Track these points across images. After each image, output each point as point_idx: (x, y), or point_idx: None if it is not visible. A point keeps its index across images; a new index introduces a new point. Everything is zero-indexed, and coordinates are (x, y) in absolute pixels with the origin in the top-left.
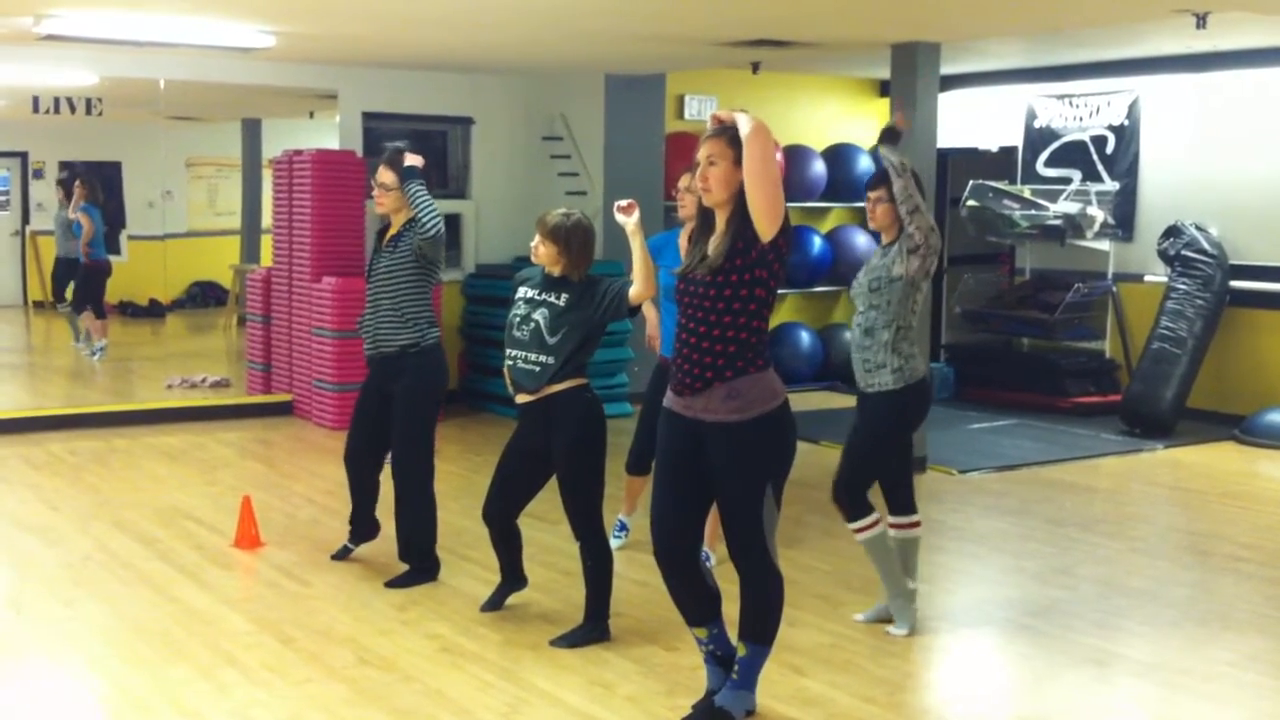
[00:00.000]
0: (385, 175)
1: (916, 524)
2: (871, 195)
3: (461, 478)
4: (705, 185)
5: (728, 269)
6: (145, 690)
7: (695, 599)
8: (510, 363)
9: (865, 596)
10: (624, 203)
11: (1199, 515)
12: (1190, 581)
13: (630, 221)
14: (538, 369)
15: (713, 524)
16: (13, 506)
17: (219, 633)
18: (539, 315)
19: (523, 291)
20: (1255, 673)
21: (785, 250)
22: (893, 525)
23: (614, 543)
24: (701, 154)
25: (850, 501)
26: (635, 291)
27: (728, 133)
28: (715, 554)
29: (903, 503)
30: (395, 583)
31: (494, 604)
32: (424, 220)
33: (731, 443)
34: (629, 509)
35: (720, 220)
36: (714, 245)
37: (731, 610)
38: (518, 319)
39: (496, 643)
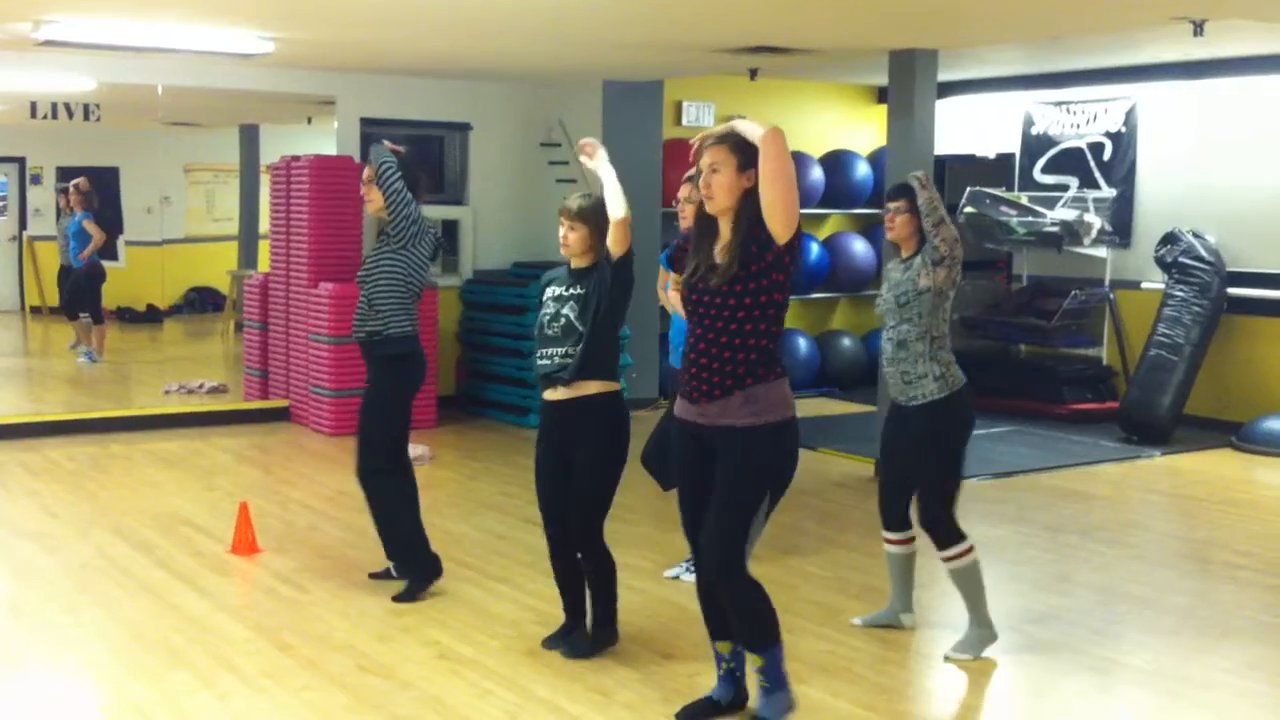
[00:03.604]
0: (368, 172)
1: (912, 540)
2: (891, 206)
3: (459, 484)
4: (709, 193)
5: (743, 276)
6: (145, 697)
7: (722, 614)
8: (546, 362)
9: (864, 604)
10: (585, 142)
11: (1197, 522)
12: (1189, 589)
13: (597, 159)
14: (575, 360)
15: None
16: (11, 513)
17: (218, 639)
18: (568, 310)
19: (550, 291)
20: (1254, 680)
21: (798, 253)
22: (892, 541)
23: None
24: (704, 161)
25: (947, 528)
26: (612, 214)
27: (730, 139)
28: None
29: (903, 518)
30: (401, 597)
31: (554, 642)
32: (389, 183)
33: (741, 448)
34: None
35: (725, 227)
36: (723, 253)
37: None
38: (548, 318)
39: (495, 649)
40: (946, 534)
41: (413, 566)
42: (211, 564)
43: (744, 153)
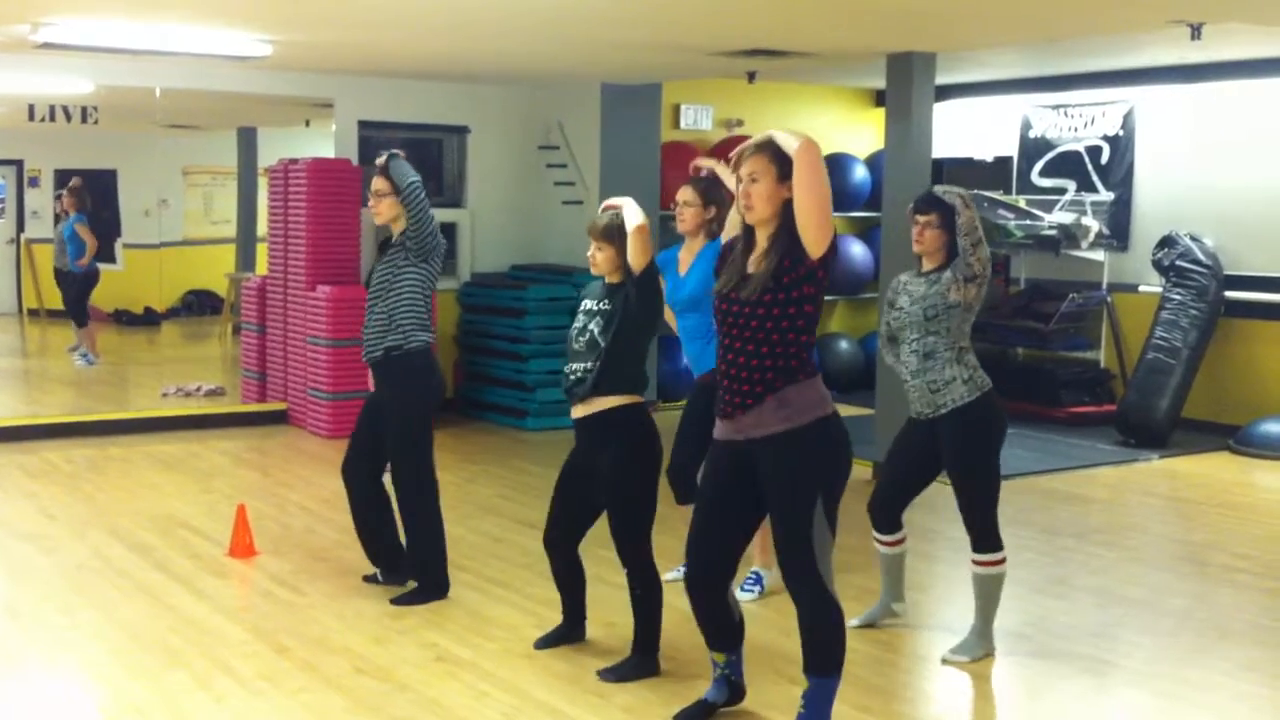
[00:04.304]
0: (379, 183)
1: (904, 540)
2: (921, 219)
3: (457, 487)
4: (748, 203)
5: (774, 288)
6: (143, 698)
7: (718, 627)
8: (574, 376)
9: (861, 605)
10: (612, 202)
11: (1195, 525)
12: (1187, 591)
13: (623, 205)
14: (591, 375)
15: (764, 538)
16: (9, 515)
17: (215, 641)
18: (594, 325)
19: (584, 304)
20: (1251, 683)
21: (832, 263)
22: (885, 543)
23: (746, 596)
24: (743, 171)
25: (990, 534)
26: (629, 222)
27: (769, 148)
28: (769, 574)
29: (894, 521)
30: (402, 600)
31: (548, 642)
32: (414, 207)
33: (783, 453)
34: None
35: (762, 237)
36: (756, 263)
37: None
38: (576, 330)
39: (492, 652)
40: (988, 540)
41: (437, 577)
42: (209, 566)
43: (784, 163)
